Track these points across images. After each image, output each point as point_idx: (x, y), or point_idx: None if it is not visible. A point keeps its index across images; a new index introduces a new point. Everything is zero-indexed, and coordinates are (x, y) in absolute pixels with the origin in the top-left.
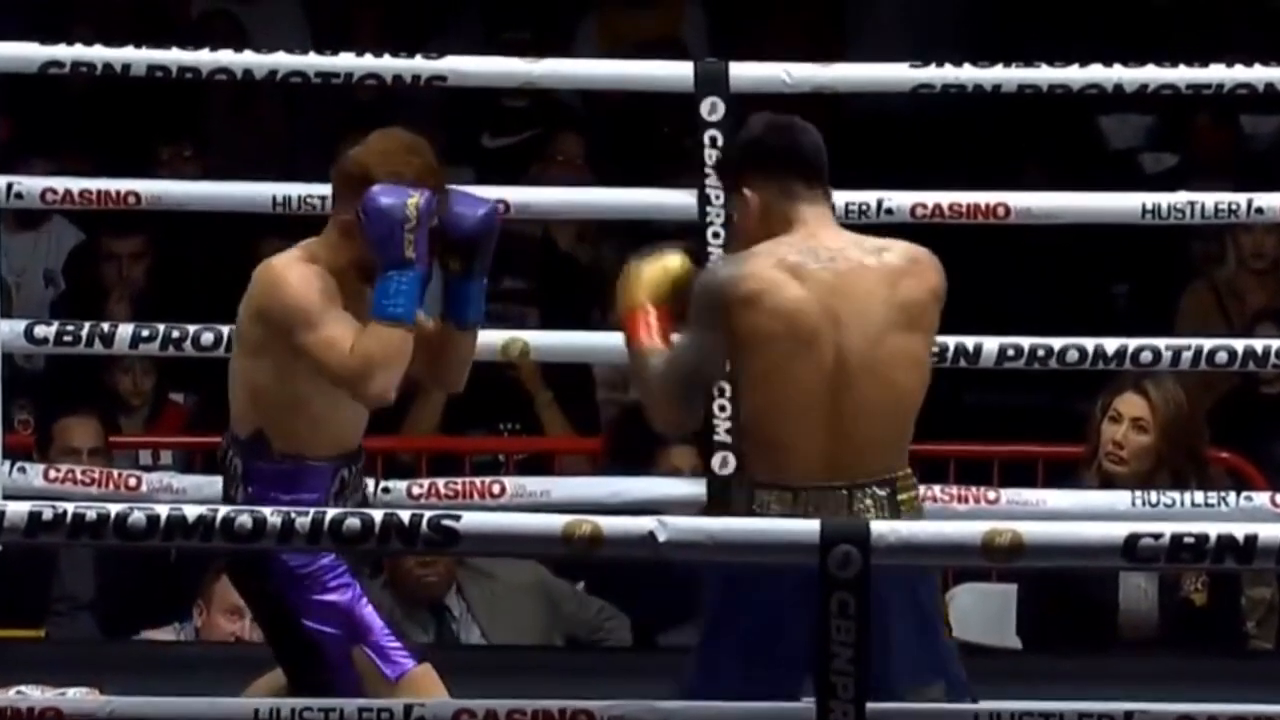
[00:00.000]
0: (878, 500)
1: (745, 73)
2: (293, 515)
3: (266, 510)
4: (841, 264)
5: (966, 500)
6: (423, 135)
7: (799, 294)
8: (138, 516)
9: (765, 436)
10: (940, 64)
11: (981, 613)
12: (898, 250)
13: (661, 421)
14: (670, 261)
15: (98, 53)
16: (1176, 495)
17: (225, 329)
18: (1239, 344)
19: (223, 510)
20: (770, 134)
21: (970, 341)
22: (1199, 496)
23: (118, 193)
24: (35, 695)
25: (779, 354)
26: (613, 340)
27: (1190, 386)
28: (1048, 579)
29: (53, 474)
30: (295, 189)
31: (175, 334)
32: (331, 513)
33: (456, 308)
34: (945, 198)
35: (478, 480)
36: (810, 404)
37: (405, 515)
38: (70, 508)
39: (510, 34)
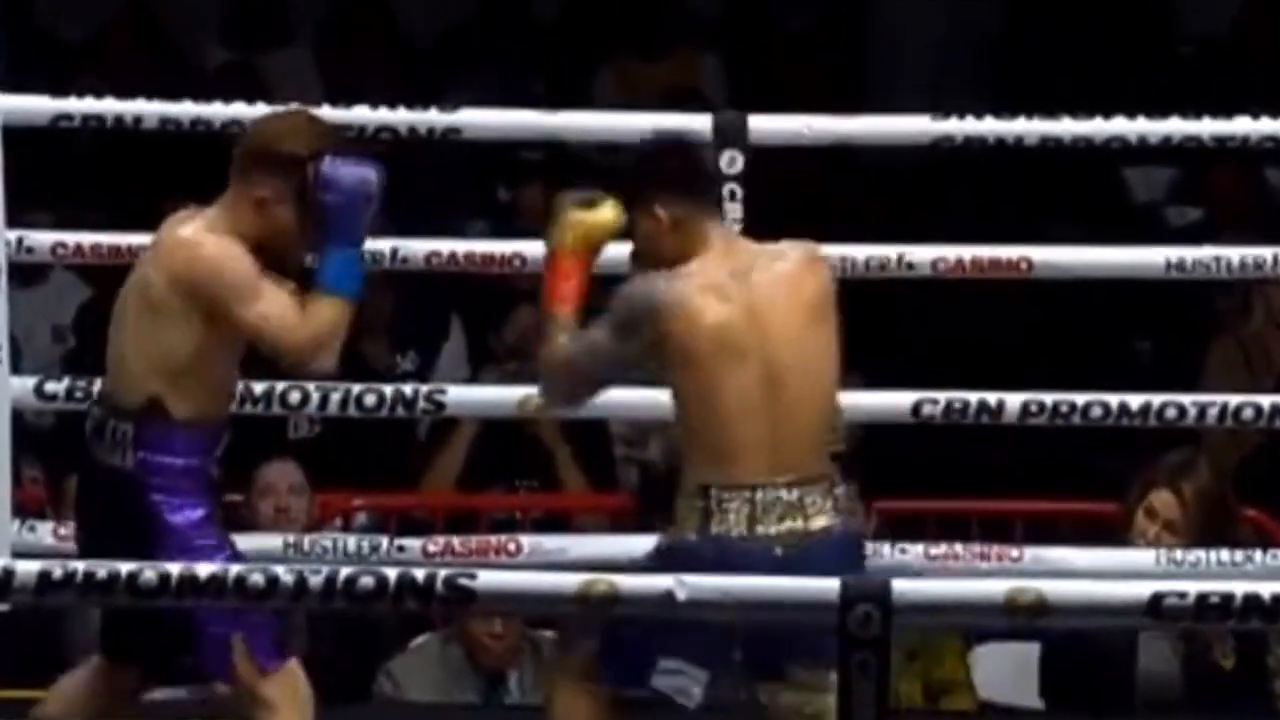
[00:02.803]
0: (824, 496)
1: (765, 125)
2: (306, 574)
3: (279, 569)
4: (756, 276)
5: (989, 558)
6: (438, 187)
7: (726, 311)
8: (149, 575)
9: (712, 443)
10: (962, 116)
11: (1004, 672)
12: (794, 253)
13: (548, 397)
14: (605, 213)
15: (109, 105)
16: (1202, 554)
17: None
18: (1265, 400)
19: (234, 569)
20: (674, 152)
21: (993, 397)
22: (1225, 555)
23: (129, 247)
24: None
25: (714, 370)
26: (631, 396)
27: (1216, 443)
28: (1071, 638)
29: (63, 531)
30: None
31: None
32: (345, 571)
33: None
34: (967, 252)
35: (494, 538)
36: (750, 410)
37: (420, 574)
38: (80, 566)
39: (525, 86)
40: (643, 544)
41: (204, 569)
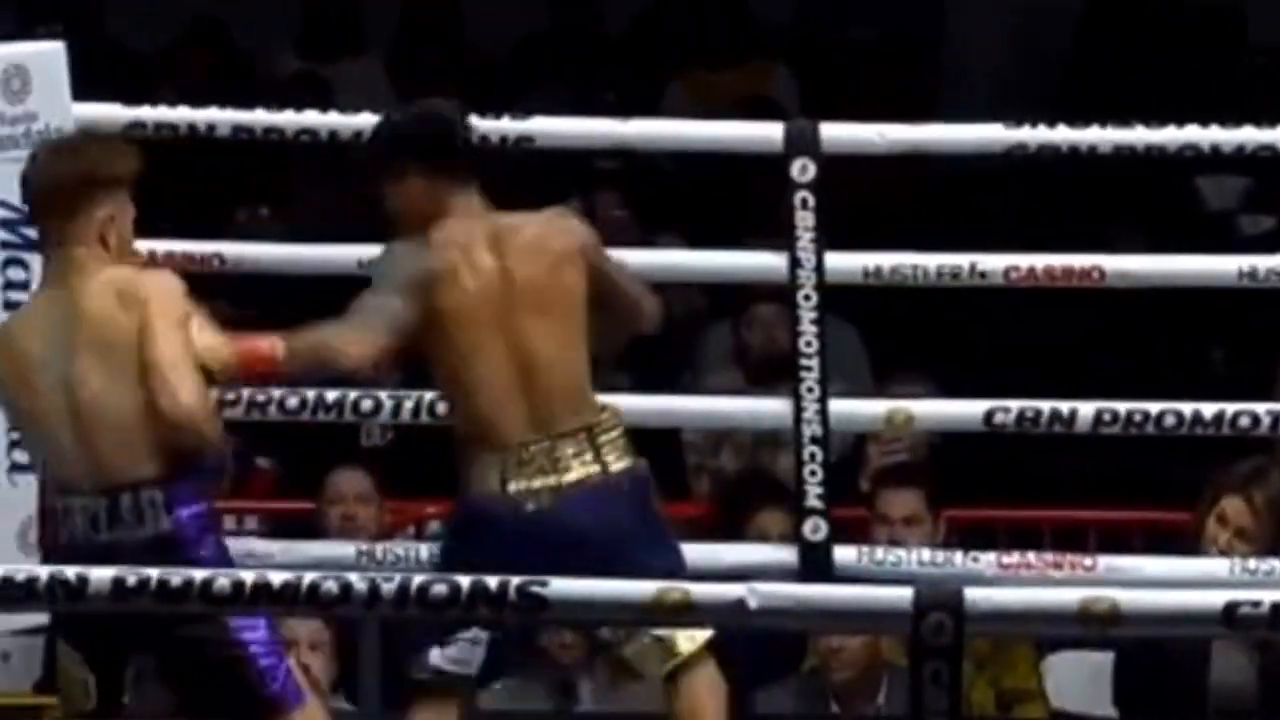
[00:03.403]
0: (579, 447)
1: (836, 133)
2: (378, 581)
3: (352, 576)
4: (503, 240)
5: (1062, 567)
6: (509, 196)
7: (478, 279)
8: (222, 582)
9: (473, 408)
10: (1034, 125)
11: (1078, 681)
12: (541, 217)
13: (358, 358)
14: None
15: (181, 114)
16: (1276, 563)
17: (310, 392)
18: None
19: (308, 576)
20: (425, 123)
21: (1065, 406)
22: None
23: (201, 255)
24: None
25: (470, 336)
26: (704, 404)
27: None
28: (1145, 647)
29: None
30: (379, 250)
31: (260, 398)
32: (418, 578)
33: None
34: (1039, 260)
35: None
36: (501, 374)
37: (493, 582)
38: (154, 573)
39: (597, 97)
40: (716, 552)
41: (278, 576)
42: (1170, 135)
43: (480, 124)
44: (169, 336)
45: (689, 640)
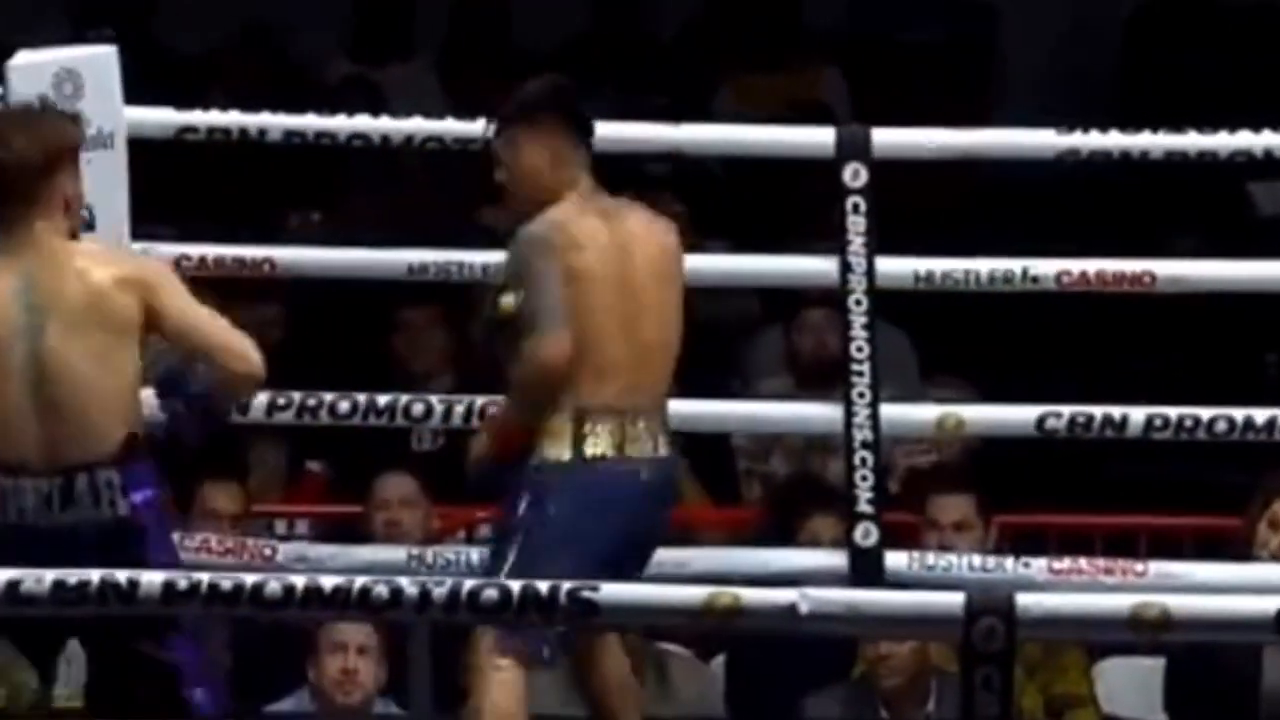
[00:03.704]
0: (663, 425)
1: (888, 139)
2: (429, 585)
3: (403, 581)
4: (622, 218)
5: (1113, 573)
6: None
7: (606, 240)
8: (274, 586)
9: (589, 363)
10: (1086, 130)
11: (1130, 686)
12: (645, 210)
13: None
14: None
15: (233, 118)
16: None
17: (361, 397)
18: None
19: (359, 580)
20: (570, 90)
21: (1117, 412)
22: None
23: (252, 259)
24: None
25: (596, 292)
26: (755, 409)
27: None
28: (1196, 653)
29: (188, 543)
30: (430, 255)
31: (311, 402)
32: (469, 583)
33: None
34: (1091, 266)
35: None
36: (622, 336)
37: (544, 586)
38: (205, 577)
39: (646, 100)
40: (768, 557)
41: (329, 580)
42: (1222, 140)
43: None
44: (200, 312)
45: None
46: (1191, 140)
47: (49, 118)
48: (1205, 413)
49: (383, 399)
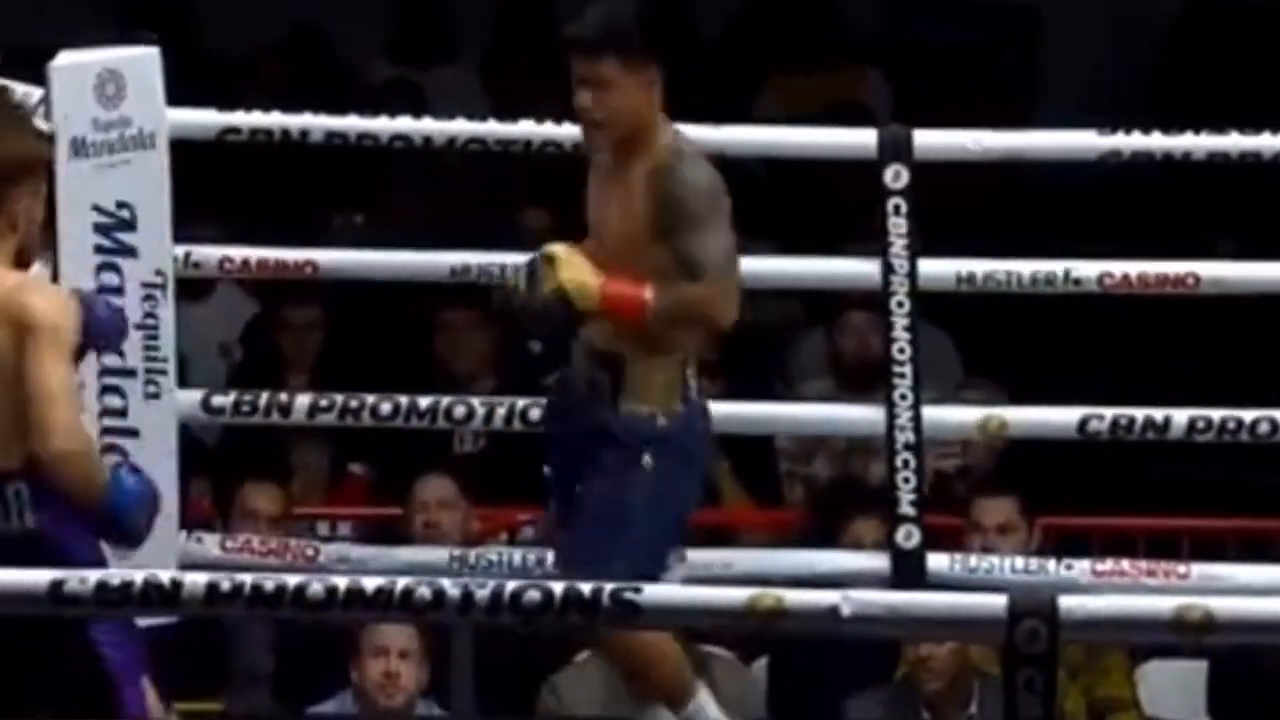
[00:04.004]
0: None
1: (930, 140)
2: (471, 587)
3: (445, 582)
4: None
5: (1156, 575)
6: None
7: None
8: (316, 588)
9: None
10: (1129, 131)
11: (1172, 689)
12: None
13: (728, 318)
14: (568, 253)
15: (275, 120)
16: None
17: (403, 399)
18: None
19: (402, 581)
20: (649, 21)
21: (1159, 414)
22: None
23: (295, 262)
24: None
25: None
26: (797, 411)
27: None
28: (1239, 656)
29: (230, 544)
30: (472, 258)
31: (353, 404)
32: (511, 585)
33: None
34: (1134, 268)
35: None
36: None
37: (586, 588)
38: (248, 578)
39: (687, 100)
40: (810, 559)
41: (371, 582)
42: (1265, 141)
43: (573, 130)
44: (49, 379)
45: None
46: (1234, 141)
47: (9, 131)
48: (1248, 415)
49: (424, 401)
